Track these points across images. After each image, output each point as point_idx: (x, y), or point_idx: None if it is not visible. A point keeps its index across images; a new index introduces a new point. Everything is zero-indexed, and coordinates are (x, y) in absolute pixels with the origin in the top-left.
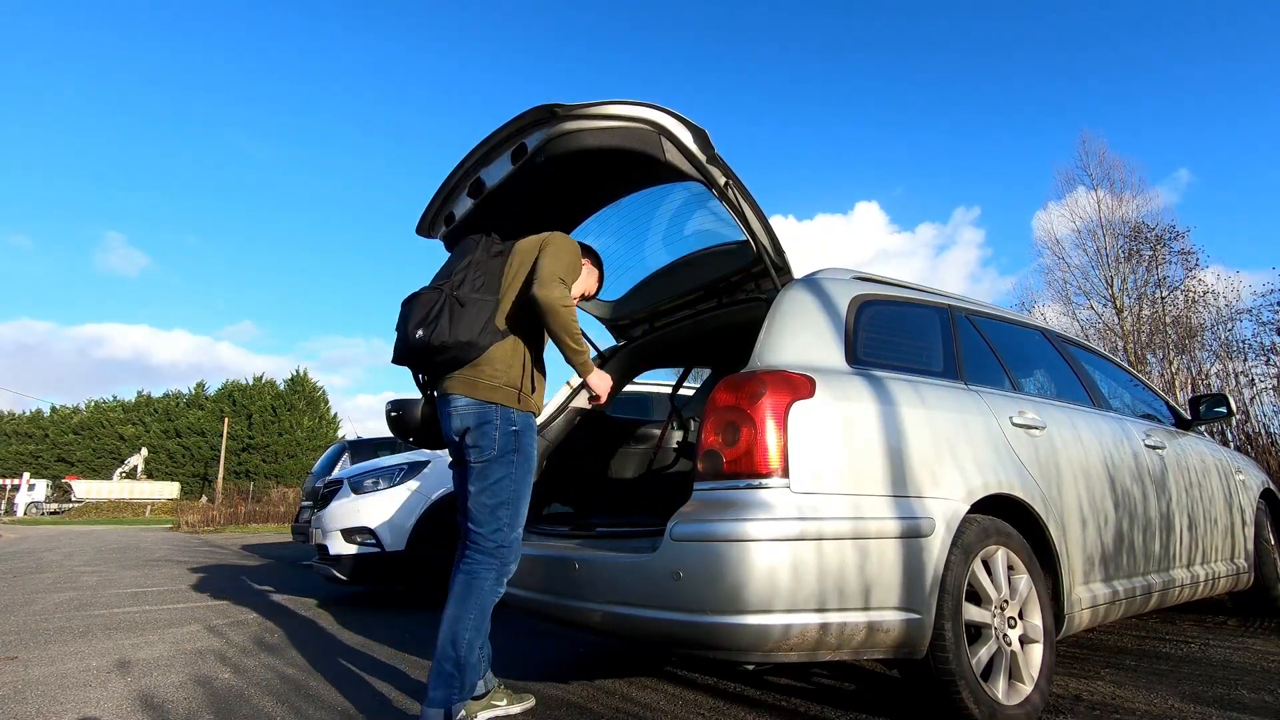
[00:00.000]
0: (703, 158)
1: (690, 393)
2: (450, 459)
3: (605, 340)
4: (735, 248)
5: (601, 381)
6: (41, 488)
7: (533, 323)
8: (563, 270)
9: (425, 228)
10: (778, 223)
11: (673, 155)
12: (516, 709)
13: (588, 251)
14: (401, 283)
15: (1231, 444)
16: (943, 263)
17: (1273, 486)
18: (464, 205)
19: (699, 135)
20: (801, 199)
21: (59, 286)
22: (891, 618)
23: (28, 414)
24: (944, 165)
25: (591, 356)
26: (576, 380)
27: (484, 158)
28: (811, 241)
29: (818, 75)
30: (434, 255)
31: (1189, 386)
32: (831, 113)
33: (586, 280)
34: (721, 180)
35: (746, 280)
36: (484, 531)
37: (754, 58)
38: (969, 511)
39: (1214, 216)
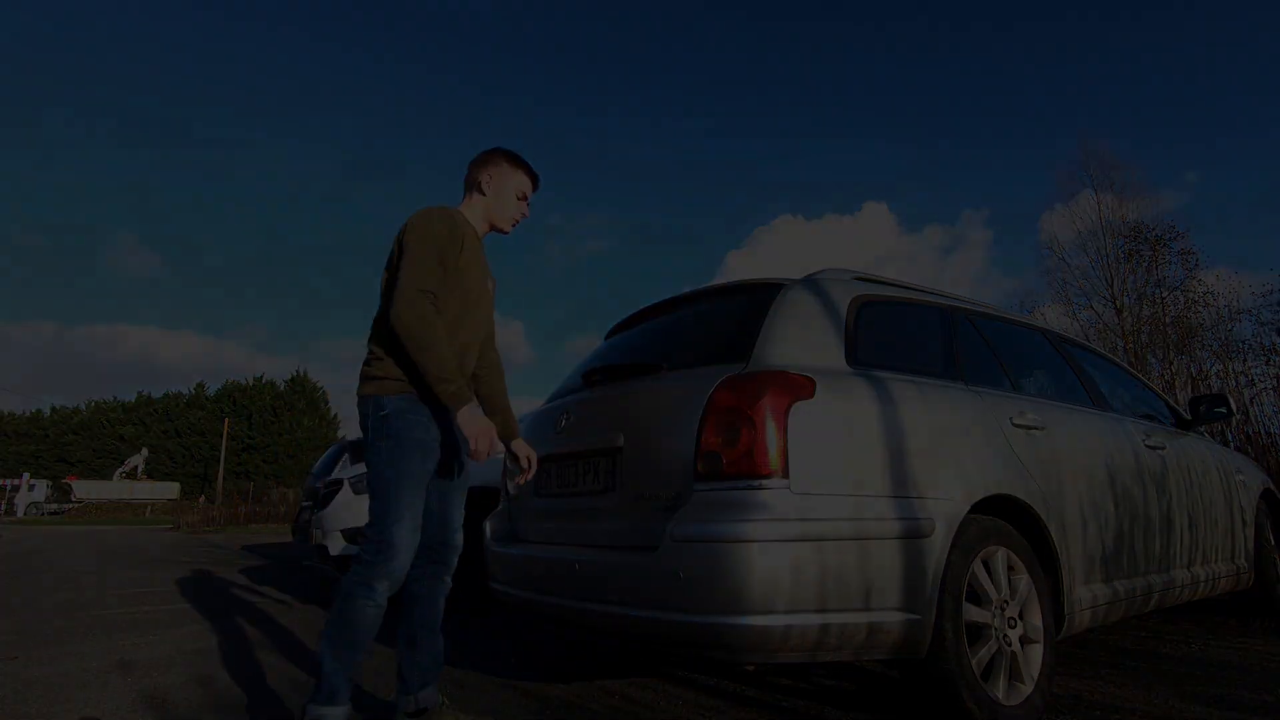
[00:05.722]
0: None
1: None
2: None
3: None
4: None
5: (474, 425)
6: (41, 488)
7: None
8: (421, 270)
9: None
10: (785, 221)
11: None
12: None
13: (497, 157)
14: None
15: (1231, 444)
16: (950, 265)
17: (1273, 487)
18: None
19: None
20: (809, 198)
21: (69, 287)
22: (892, 618)
23: (28, 414)
24: (952, 167)
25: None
26: None
27: None
28: (818, 242)
29: (826, 75)
30: None
31: (1189, 386)
32: (841, 112)
33: (500, 201)
34: None
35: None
36: (365, 530)
37: (761, 58)
38: (969, 512)
39: (1221, 218)
